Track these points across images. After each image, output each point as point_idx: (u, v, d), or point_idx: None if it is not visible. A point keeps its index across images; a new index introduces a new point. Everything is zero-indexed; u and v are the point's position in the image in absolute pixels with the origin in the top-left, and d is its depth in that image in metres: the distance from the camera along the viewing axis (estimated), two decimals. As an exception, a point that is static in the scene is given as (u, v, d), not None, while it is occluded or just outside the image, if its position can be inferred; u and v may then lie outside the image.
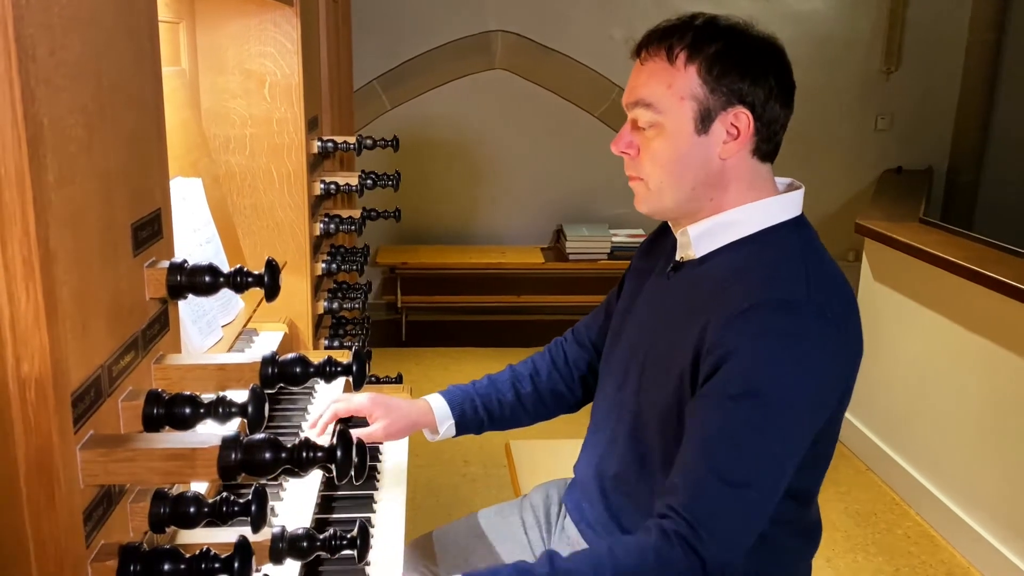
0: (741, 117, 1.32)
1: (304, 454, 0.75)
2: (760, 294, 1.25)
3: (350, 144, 2.08)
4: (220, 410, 0.82)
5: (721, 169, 1.34)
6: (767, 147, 1.36)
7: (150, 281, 0.87)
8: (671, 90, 1.31)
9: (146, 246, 0.87)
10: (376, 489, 1.66)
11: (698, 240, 1.38)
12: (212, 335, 1.43)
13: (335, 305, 2.14)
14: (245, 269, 0.89)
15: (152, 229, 0.89)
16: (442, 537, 1.74)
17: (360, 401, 1.61)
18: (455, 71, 5.06)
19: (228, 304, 1.54)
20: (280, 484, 1.51)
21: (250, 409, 0.80)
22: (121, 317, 0.82)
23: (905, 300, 3.44)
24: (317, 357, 2.04)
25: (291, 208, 1.96)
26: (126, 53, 0.83)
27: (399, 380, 2.23)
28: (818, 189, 5.34)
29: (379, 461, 1.77)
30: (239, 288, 0.89)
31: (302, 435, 1.63)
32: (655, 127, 1.34)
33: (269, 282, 0.88)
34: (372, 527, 1.53)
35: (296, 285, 2.00)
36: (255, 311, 1.64)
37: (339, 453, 0.75)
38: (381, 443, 1.78)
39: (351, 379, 0.92)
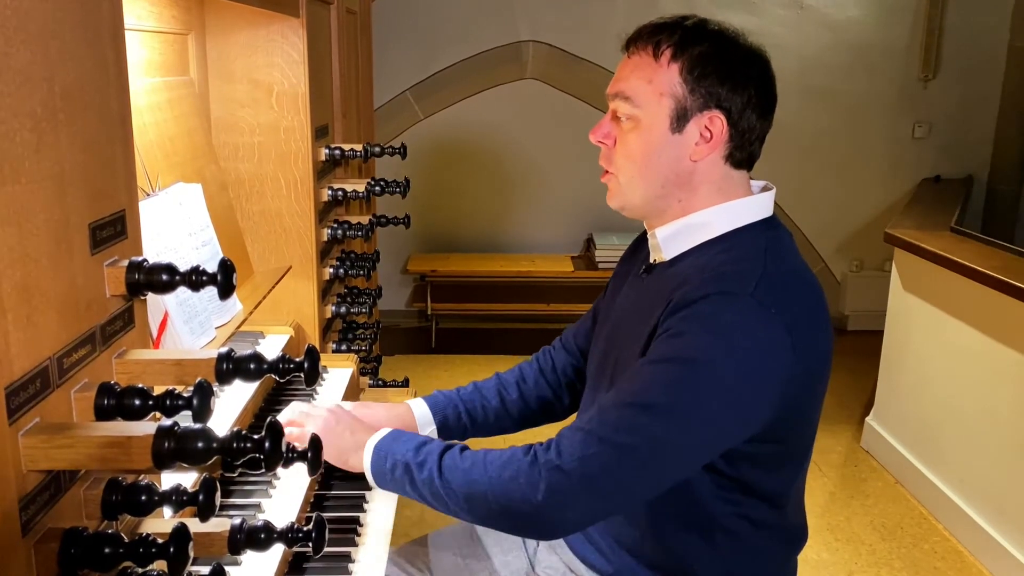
0: (716, 121, 1.34)
1: (235, 444, 0.78)
2: (709, 287, 1.27)
3: (356, 151, 2.13)
4: (168, 403, 0.85)
5: (691, 170, 1.36)
6: (740, 155, 1.37)
7: (110, 279, 0.91)
8: (651, 86, 1.34)
9: (106, 245, 0.91)
10: (369, 489, 1.68)
11: (666, 242, 1.40)
12: (205, 335, 1.48)
13: (343, 309, 2.18)
14: (201, 268, 0.93)
15: (114, 229, 0.93)
16: (437, 539, 1.76)
17: None
18: (487, 81, 5.11)
19: (224, 306, 1.59)
20: (275, 474, 1.54)
21: (195, 402, 0.83)
22: (76, 312, 0.85)
23: (935, 311, 3.37)
24: (324, 360, 2.09)
25: (298, 214, 2.01)
26: (85, 62, 0.87)
27: (405, 384, 2.26)
28: (854, 198, 5.28)
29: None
30: (195, 287, 0.92)
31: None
32: (632, 120, 1.36)
33: (222, 280, 0.91)
34: (361, 525, 1.56)
35: (302, 289, 2.05)
36: (251, 313, 1.69)
37: (267, 445, 0.78)
38: None
39: (304, 376, 0.95)
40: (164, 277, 0.91)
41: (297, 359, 0.96)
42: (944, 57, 5.09)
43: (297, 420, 1.52)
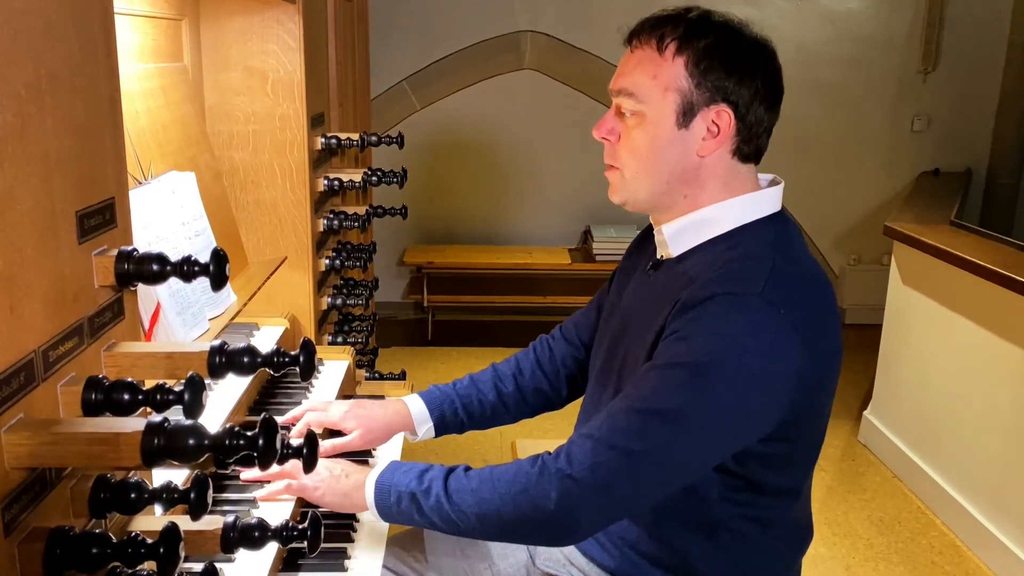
0: (723, 115, 1.30)
1: (228, 441, 0.75)
2: (716, 287, 1.24)
3: (353, 140, 2.09)
4: (158, 397, 0.82)
5: (698, 166, 1.33)
6: (748, 148, 1.34)
7: (99, 269, 0.88)
8: (656, 81, 1.30)
9: (95, 234, 0.88)
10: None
11: (673, 239, 1.37)
12: (198, 327, 1.45)
13: (339, 301, 2.15)
14: (192, 258, 0.90)
15: (103, 217, 0.90)
16: (434, 535, 1.73)
17: (333, 417, 1.61)
18: (484, 71, 5.07)
19: (218, 297, 1.56)
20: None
21: (186, 396, 0.80)
22: (63, 303, 0.82)
23: (934, 305, 3.36)
24: (319, 353, 2.05)
25: (293, 204, 1.98)
26: (73, 44, 0.84)
27: (402, 376, 2.23)
28: (853, 191, 5.25)
29: (371, 456, 1.78)
30: (186, 277, 0.89)
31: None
32: (637, 116, 1.33)
33: (215, 271, 0.88)
34: (357, 521, 1.54)
35: (298, 280, 2.02)
36: (245, 305, 1.66)
37: (261, 441, 0.75)
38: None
39: (299, 370, 0.92)
40: (155, 267, 0.88)
41: (292, 352, 0.93)
42: (944, 50, 5.06)
43: (289, 472, 1.46)
